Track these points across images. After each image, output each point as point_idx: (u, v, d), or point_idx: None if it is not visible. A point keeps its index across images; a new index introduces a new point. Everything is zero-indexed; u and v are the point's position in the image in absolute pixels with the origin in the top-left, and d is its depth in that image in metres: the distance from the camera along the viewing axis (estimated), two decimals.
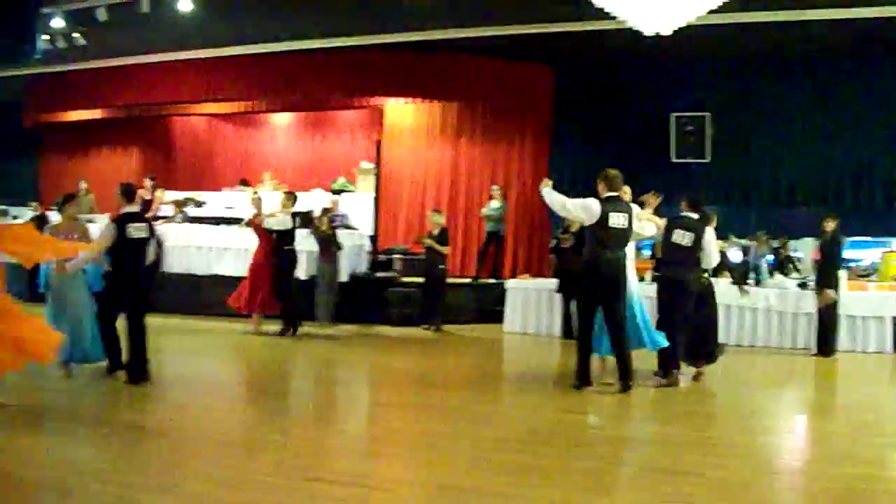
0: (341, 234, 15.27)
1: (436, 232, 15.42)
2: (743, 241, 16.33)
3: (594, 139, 18.33)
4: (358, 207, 17.44)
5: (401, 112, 19.74)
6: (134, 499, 5.45)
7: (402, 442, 7.35)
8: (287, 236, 14.16)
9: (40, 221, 17.98)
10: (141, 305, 9.65)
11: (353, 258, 16.17)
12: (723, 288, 14.50)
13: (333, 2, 14.93)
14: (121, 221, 9.43)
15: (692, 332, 10.23)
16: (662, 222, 10.36)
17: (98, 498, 5.46)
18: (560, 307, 14.61)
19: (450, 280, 16.06)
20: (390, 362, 12.25)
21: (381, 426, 8.21)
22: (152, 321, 9.69)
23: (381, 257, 17.00)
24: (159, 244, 11.72)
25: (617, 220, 9.39)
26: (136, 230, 9.48)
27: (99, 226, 10.90)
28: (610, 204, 9.47)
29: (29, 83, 21.44)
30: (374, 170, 17.50)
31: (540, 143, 18.72)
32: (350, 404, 9.55)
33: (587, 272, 9.61)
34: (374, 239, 16.68)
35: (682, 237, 10.09)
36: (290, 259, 14.26)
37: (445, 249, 15.38)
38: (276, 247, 14.07)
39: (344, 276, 15.54)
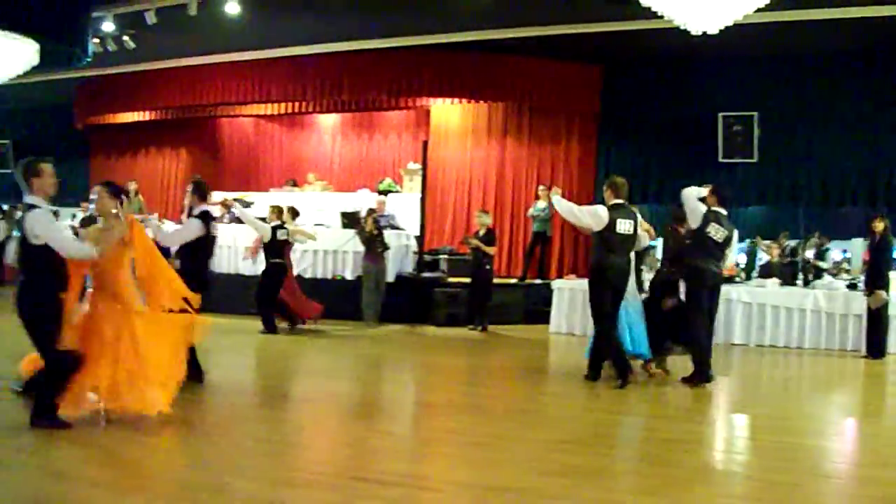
0: (388, 235, 15.33)
1: (482, 232, 15.40)
2: (792, 242, 16.19)
3: (641, 139, 18.25)
4: (404, 208, 17.47)
5: (447, 112, 19.75)
6: (178, 496, 5.52)
7: (450, 442, 7.33)
8: (271, 249, 14.32)
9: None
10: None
11: (399, 259, 16.21)
12: (771, 289, 14.43)
13: (380, 3, 14.95)
14: (206, 218, 9.49)
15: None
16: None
17: (145, 494, 5.51)
18: None
19: (496, 280, 16.03)
20: (437, 362, 12.25)
21: (428, 426, 8.20)
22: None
23: (428, 258, 17.01)
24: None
25: (623, 226, 9.83)
26: (214, 228, 9.67)
27: (156, 225, 10.97)
28: (617, 210, 9.88)
29: (79, 86, 21.72)
30: (420, 170, 17.51)
31: (587, 144, 18.66)
32: (397, 404, 9.55)
33: (595, 276, 10.00)
34: (420, 239, 16.68)
35: (715, 232, 10.08)
36: (269, 271, 14.37)
37: (492, 250, 15.36)
38: (265, 259, 14.39)
39: (390, 277, 15.59)
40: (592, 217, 9.90)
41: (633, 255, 10.27)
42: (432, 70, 17.80)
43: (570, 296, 15.22)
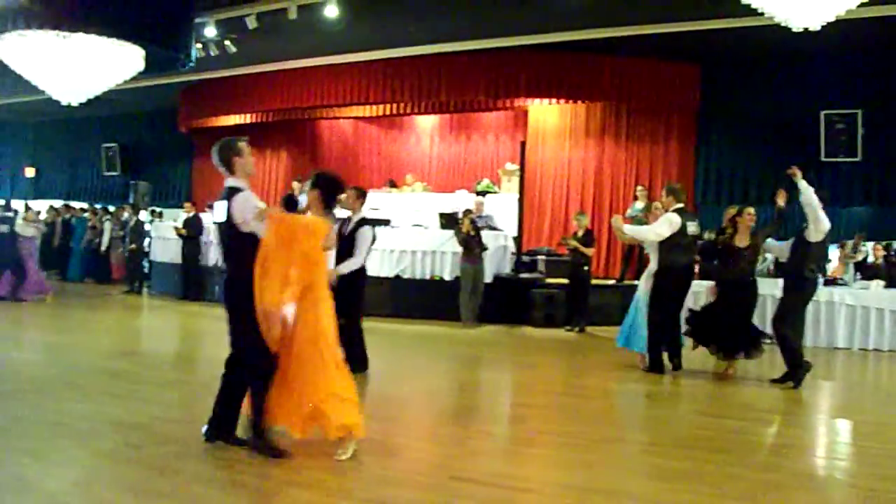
0: (485, 236, 15.35)
1: (580, 233, 15.33)
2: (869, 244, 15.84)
3: (741, 138, 18.00)
4: (502, 208, 17.48)
5: (545, 113, 19.70)
6: (274, 491, 5.63)
7: (548, 443, 7.31)
8: None
9: (198, 222, 18.67)
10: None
11: (497, 259, 16.20)
12: (875, 291, 14.09)
13: (478, 4, 14.97)
14: (368, 223, 9.78)
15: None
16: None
17: (244, 489, 5.62)
18: None
19: (594, 281, 15.93)
20: (534, 363, 12.21)
21: (525, 427, 8.17)
22: None
23: (526, 258, 16.98)
24: None
25: (691, 228, 10.61)
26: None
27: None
28: (683, 214, 10.61)
29: (183, 90, 22.18)
30: (518, 171, 17.49)
31: (685, 143, 18.43)
32: (494, 405, 9.56)
33: (666, 276, 10.58)
34: (518, 240, 16.66)
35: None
36: None
37: (590, 251, 15.27)
38: None
39: (488, 278, 15.60)
40: (669, 226, 10.47)
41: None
42: (530, 70, 17.76)
43: None
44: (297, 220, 6.82)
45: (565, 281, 15.67)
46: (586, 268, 15.30)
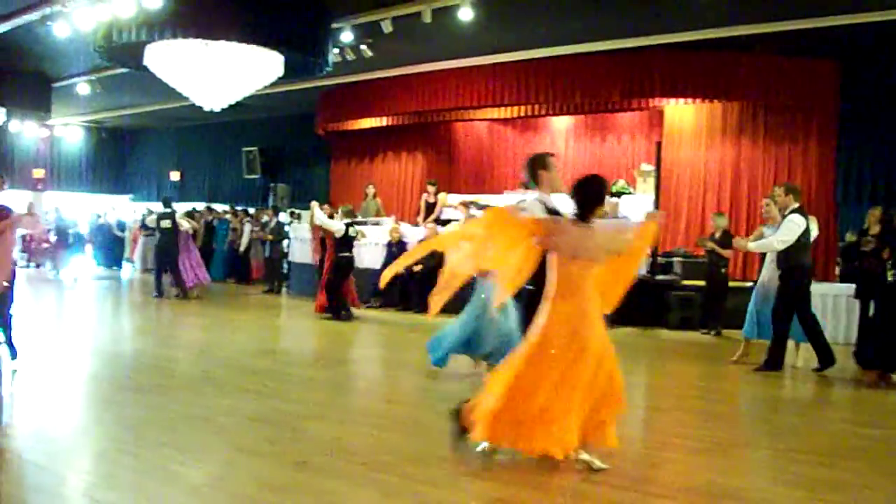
0: None
1: (718, 234, 15.09)
2: None
3: (883, 137, 17.42)
4: (638, 209, 17.31)
5: (680, 113, 19.40)
6: (410, 490, 5.67)
7: (682, 448, 7.22)
8: (342, 244, 15.90)
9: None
10: None
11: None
12: None
13: (612, 4, 14.87)
14: None
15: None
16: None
17: (379, 486, 5.69)
18: (857, 313, 13.70)
19: (732, 284, 15.64)
20: (669, 366, 12.08)
21: (660, 431, 8.09)
22: (435, 321, 9.88)
23: (662, 260, 16.79)
24: None
25: (813, 228, 10.79)
26: None
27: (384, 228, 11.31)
28: (804, 215, 10.58)
29: (321, 94, 22.57)
30: (653, 171, 17.31)
31: (825, 143, 17.89)
32: (628, 408, 9.48)
33: (799, 277, 10.75)
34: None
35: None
36: (341, 265, 15.96)
37: (728, 252, 15.00)
38: (333, 253, 16.00)
39: None
40: (794, 230, 10.44)
41: None
42: (665, 70, 17.51)
43: None
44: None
45: (702, 283, 15.44)
46: (724, 269, 15.05)
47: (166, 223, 18.78)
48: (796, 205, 10.64)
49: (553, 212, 6.47)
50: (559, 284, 6.14)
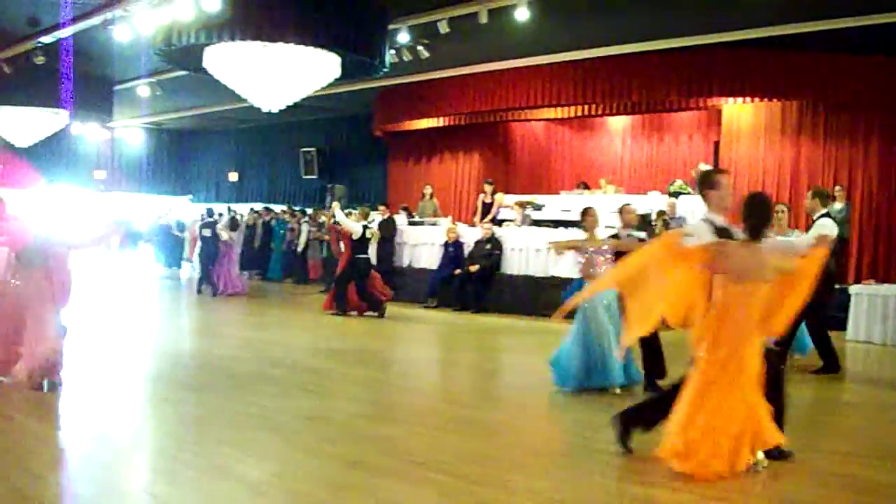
0: None
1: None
2: None
3: None
4: (696, 210, 17.16)
5: (739, 112, 19.19)
6: (466, 490, 5.68)
7: None
8: (359, 244, 16.17)
9: (392, 224, 19.13)
10: None
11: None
12: None
13: (670, 2, 14.77)
14: None
15: None
16: None
17: (435, 487, 5.73)
18: None
19: None
20: None
21: None
22: (491, 321, 10.00)
23: None
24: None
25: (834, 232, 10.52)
26: None
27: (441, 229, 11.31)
28: (830, 217, 10.65)
29: (378, 95, 22.66)
30: None
31: (887, 142, 17.58)
32: None
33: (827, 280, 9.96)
34: None
35: None
36: (359, 265, 16.21)
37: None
38: (350, 254, 16.28)
39: None
40: (831, 231, 10.29)
41: None
42: (723, 69, 17.34)
43: (868, 302, 14.37)
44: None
45: None
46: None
47: (207, 232, 19.48)
48: (823, 210, 10.65)
49: (722, 231, 6.31)
50: (723, 305, 6.07)
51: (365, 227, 16.17)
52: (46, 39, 17.25)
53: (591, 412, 8.67)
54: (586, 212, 9.91)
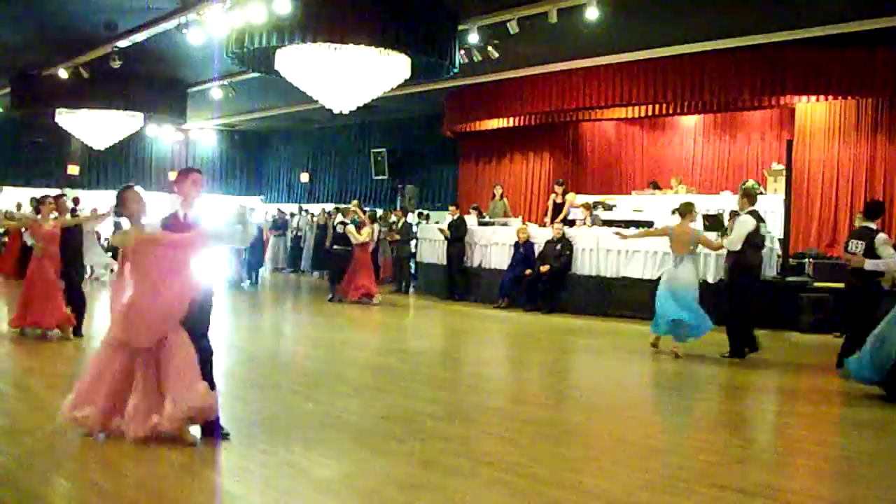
0: None
1: None
2: None
3: None
4: (768, 209, 16.96)
5: (812, 110, 18.91)
6: (536, 491, 5.67)
7: (816, 455, 7.06)
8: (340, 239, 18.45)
9: (462, 224, 19.18)
10: None
11: (763, 261, 15.71)
12: None
13: (742, 0, 14.62)
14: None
15: None
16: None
17: (505, 487, 5.73)
18: None
19: None
20: (801, 370, 11.78)
21: (792, 437, 7.91)
22: (562, 321, 9.99)
23: (792, 261, 16.38)
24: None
25: (763, 229, 11.90)
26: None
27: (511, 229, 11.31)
28: (755, 215, 11.69)
29: (448, 96, 22.70)
30: (784, 171, 16.91)
31: None
32: (757, 412, 9.30)
33: (749, 273, 11.89)
34: (784, 242, 16.08)
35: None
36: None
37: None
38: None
39: None
40: (748, 227, 11.51)
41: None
42: (796, 67, 17.07)
43: None
44: None
45: (836, 285, 14.97)
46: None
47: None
48: (752, 208, 11.75)
49: None
50: None
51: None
52: (122, 44, 17.52)
53: (663, 414, 8.63)
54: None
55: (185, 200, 6.98)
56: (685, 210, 12.00)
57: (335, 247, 18.49)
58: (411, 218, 23.07)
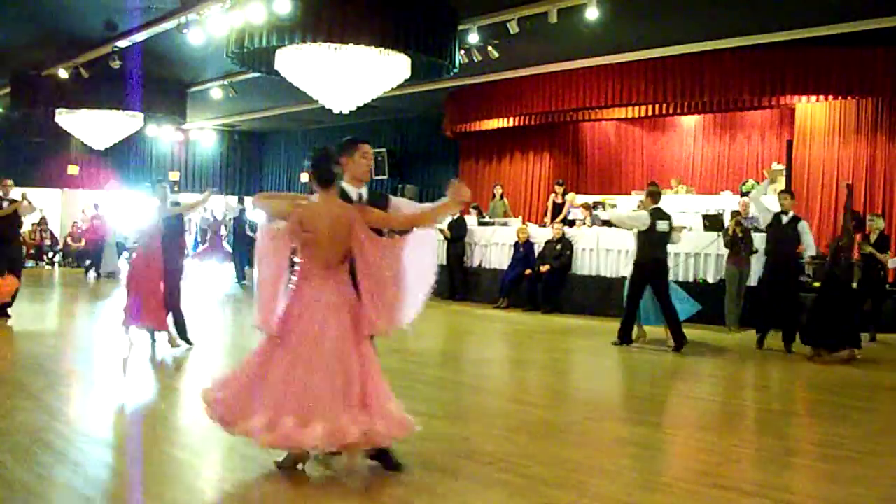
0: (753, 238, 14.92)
1: (874, 237, 14.41)
2: None
3: None
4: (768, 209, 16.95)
5: (812, 110, 18.92)
6: (536, 491, 5.67)
7: (817, 455, 7.05)
8: None
9: (462, 224, 19.19)
10: None
11: (762, 262, 15.71)
12: None
13: (742, 0, 14.62)
14: None
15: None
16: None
17: (505, 487, 5.73)
18: None
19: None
20: (807, 372, 11.76)
21: (794, 436, 7.90)
22: (562, 321, 9.99)
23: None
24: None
25: (661, 226, 12.44)
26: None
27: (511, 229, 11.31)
28: (656, 213, 12.49)
29: (448, 96, 22.71)
30: (784, 171, 16.93)
31: None
32: (761, 413, 9.30)
33: (637, 268, 12.77)
34: None
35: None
36: None
37: (884, 256, 14.21)
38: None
39: (752, 281, 15.17)
40: (639, 221, 12.53)
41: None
42: (797, 66, 17.06)
43: None
44: None
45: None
46: (882, 272, 14.41)
47: None
48: (654, 206, 12.58)
49: None
50: None
51: None
52: (122, 43, 17.52)
53: (663, 414, 8.64)
54: None
55: (357, 178, 6.11)
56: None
57: None
58: None
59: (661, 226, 12.44)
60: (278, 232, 5.77)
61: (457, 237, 19.21)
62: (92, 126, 23.14)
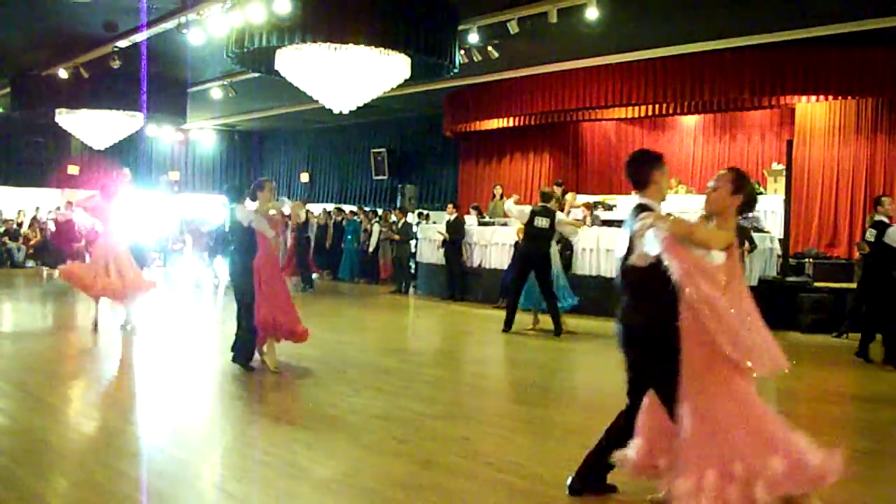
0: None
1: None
2: None
3: None
4: (768, 209, 16.96)
5: (812, 110, 18.92)
6: (536, 491, 5.69)
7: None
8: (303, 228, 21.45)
9: (460, 225, 19.17)
10: None
11: (762, 262, 15.74)
12: None
13: (742, 0, 14.62)
14: None
15: None
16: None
17: (505, 487, 5.75)
18: None
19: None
20: (801, 372, 11.75)
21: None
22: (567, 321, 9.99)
23: (793, 261, 16.39)
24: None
25: (540, 222, 13.75)
26: None
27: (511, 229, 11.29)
28: (538, 210, 13.87)
29: (448, 96, 22.70)
30: (784, 171, 16.91)
31: None
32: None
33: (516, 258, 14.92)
34: (784, 242, 16.09)
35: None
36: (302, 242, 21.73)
37: None
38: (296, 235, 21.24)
39: (753, 280, 15.17)
40: (521, 215, 14.10)
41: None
42: (797, 66, 17.06)
43: None
44: None
45: (836, 285, 14.95)
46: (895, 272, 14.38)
47: None
48: (541, 204, 13.92)
49: None
50: None
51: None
52: (122, 43, 17.52)
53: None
54: None
55: (658, 189, 5.69)
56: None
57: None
58: (411, 218, 23.06)
59: (539, 222, 13.73)
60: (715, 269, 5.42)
61: (455, 238, 19.19)
62: (92, 126, 23.13)
